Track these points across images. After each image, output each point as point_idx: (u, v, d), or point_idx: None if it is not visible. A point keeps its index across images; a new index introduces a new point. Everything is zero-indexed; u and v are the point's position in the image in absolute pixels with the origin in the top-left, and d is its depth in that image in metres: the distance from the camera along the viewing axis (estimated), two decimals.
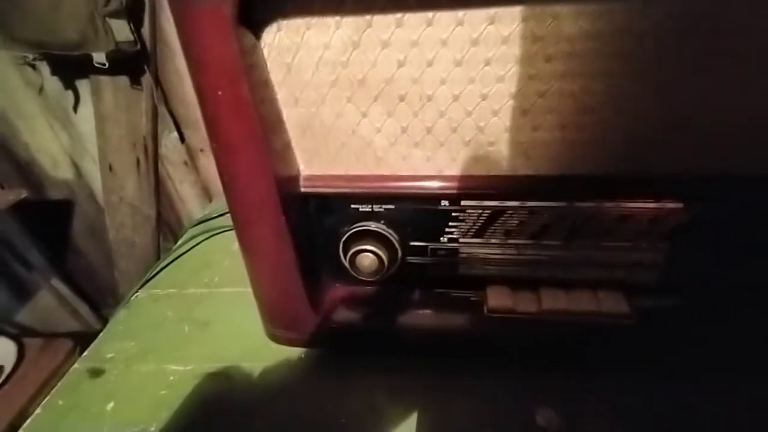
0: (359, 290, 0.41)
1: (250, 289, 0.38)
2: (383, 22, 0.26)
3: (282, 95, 0.30)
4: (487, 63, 0.27)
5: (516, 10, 0.25)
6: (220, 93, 0.27)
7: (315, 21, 0.26)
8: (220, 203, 0.68)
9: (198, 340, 0.45)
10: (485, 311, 0.37)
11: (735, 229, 0.32)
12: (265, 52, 0.28)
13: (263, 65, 0.28)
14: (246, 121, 0.27)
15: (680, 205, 0.32)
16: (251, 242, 0.34)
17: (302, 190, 0.35)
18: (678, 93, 0.27)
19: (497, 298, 0.37)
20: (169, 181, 1.00)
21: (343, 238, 0.36)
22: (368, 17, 0.26)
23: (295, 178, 0.34)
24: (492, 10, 0.25)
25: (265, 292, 0.37)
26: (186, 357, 0.43)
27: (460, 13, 0.26)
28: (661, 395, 0.34)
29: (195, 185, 0.99)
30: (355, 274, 0.37)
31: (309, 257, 0.36)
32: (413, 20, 0.26)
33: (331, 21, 0.26)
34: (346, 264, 0.37)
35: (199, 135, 0.91)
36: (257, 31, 0.27)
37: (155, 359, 0.43)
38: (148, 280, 0.56)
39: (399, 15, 0.26)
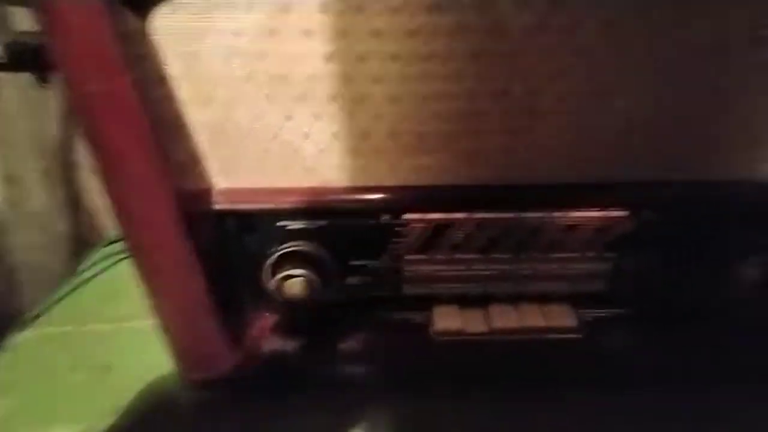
0: (290, 318, 0.36)
1: None
2: (304, 7, 0.22)
3: (185, 93, 0.25)
4: (428, 59, 0.24)
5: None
6: (93, 89, 0.21)
7: (219, 1, 0.22)
8: None
9: (95, 391, 0.37)
10: (432, 334, 0.34)
11: (679, 237, 0.32)
12: (158, 39, 0.23)
13: (154, 56, 0.23)
14: (131, 126, 0.22)
15: (625, 213, 0.31)
16: (151, 273, 0.28)
17: (216, 207, 0.29)
18: (621, 99, 0.26)
19: (445, 320, 0.34)
20: (86, 193, 0.87)
21: (269, 262, 0.31)
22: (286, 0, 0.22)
23: (205, 194, 0.29)
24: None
25: (173, 330, 0.31)
26: (78, 414, 0.35)
27: (394, 1, 0.22)
28: (607, 408, 0.33)
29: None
30: (284, 301, 0.32)
31: (226, 285, 0.31)
32: (340, 5, 0.22)
33: (240, 1, 0.22)
34: (274, 290, 0.31)
35: None
36: (144, 12, 0.22)
37: (38, 420, 0.34)
38: (38, 316, 0.46)
39: None
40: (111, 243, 0.57)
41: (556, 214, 0.31)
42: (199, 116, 0.26)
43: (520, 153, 0.28)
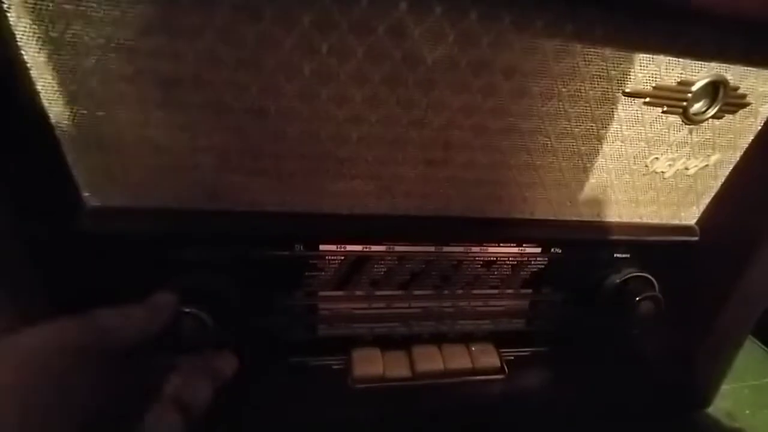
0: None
1: None
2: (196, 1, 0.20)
3: (46, 87, 0.20)
4: (352, 77, 0.23)
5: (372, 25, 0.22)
6: None
7: None
8: None
9: None
10: (350, 382, 0.30)
11: (581, 275, 0.33)
12: (12, 17, 0.18)
13: (8, 37, 0.18)
14: None
15: (538, 249, 0.32)
16: None
17: (84, 229, 0.24)
18: (529, 138, 0.27)
19: (365, 365, 0.31)
20: None
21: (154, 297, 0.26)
22: None
23: (69, 211, 0.23)
24: (354, 16, 0.21)
25: None
26: None
27: (307, 16, 0.21)
28: None
29: None
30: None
31: None
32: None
33: None
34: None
35: None
36: None
37: None
38: None
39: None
40: None
41: (475, 249, 0.31)
42: (64, 115, 0.21)
43: (437, 184, 0.27)
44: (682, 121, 0.28)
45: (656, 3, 0.22)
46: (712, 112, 0.28)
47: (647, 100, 0.27)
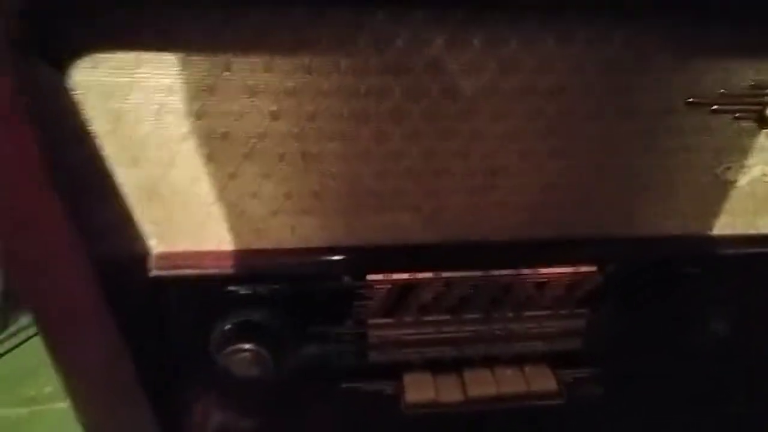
0: (242, 394, 0.31)
1: None
2: (246, 65, 0.21)
3: (112, 151, 0.22)
4: (383, 119, 0.23)
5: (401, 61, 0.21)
6: None
7: (148, 57, 0.20)
8: None
9: None
10: (403, 407, 0.31)
11: (643, 291, 0.31)
12: (78, 93, 0.20)
13: (75, 113, 0.20)
14: (37, 188, 0.19)
15: (593, 268, 0.30)
16: (67, 360, 0.23)
17: (153, 273, 0.26)
18: (579, 158, 0.25)
19: (417, 390, 0.31)
20: None
21: (215, 334, 0.27)
22: (226, 56, 0.20)
23: (139, 260, 0.25)
24: (389, 57, 0.21)
25: (93, 421, 0.26)
26: None
27: (344, 61, 0.21)
28: None
29: None
30: (235, 378, 0.28)
31: (163, 364, 0.27)
32: (286, 65, 0.21)
33: (171, 58, 0.20)
34: (222, 367, 0.27)
35: None
36: (62, 65, 0.19)
37: None
38: None
39: (268, 56, 0.21)
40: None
41: (526, 271, 0.30)
42: (130, 176, 0.23)
43: (483, 210, 0.27)
44: (758, 126, 0.25)
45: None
46: None
47: (714, 107, 0.24)
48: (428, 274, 0.29)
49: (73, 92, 0.20)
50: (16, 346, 0.44)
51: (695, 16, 0.21)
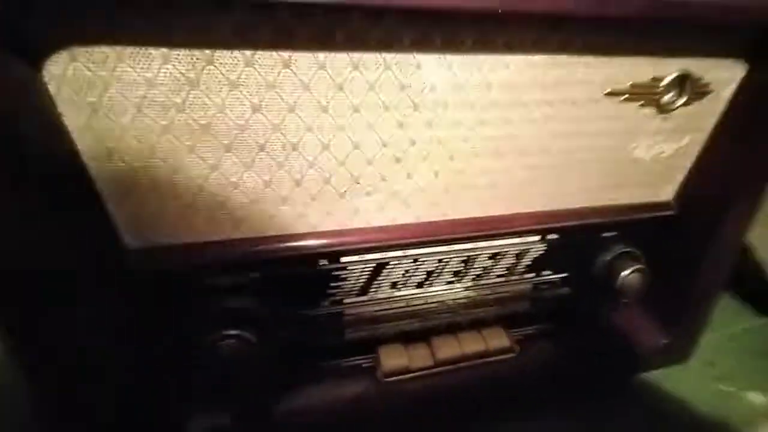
0: (227, 382, 0.32)
1: None
2: (228, 60, 0.21)
3: (85, 146, 0.22)
4: (356, 110, 0.25)
5: (380, 57, 0.24)
6: None
7: (131, 51, 0.20)
8: None
9: None
10: (380, 376, 0.34)
11: (578, 257, 0.37)
12: (52, 87, 0.20)
13: (48, 106, 0.20)
14: (13, 186, 0.18)
15: (537, 237, 0.35)
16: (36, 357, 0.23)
17: (130, 270, 0.26)
18: (528, 141, 0.30)
19: (392, 359, 0.34)
20: None
21: (198, 326, 0.28)
22: (208, 52, 0.21)
23: (115, 258, 0.25)
24: (355, 55, 0.23)
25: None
26: None
27: (320, 56, 0.23)
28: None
29: None
30: (222, 366, 0.29)
31: (144, 358, 0.27)
32: (266, 60, 0.22)
33: (155, 53, 0.20)
34: (207, 355, 0.28)
35: None
36: (36, 59, 0.19)
37: None
38: None
39: (249, 52, 0.22)
40: None
41: (482, 243, 0.34)
42: (105, 170, 0.23)
43: (445, 192, 0.30)
44: (657, 111, 0.31)
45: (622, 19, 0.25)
46: (681, 101, 0.31)
47: (625, 97, 0.30)
48: (398, 253, 0.32)
49: (48, 85, 0.19)
50: None
51: (611, 27, 0.26)
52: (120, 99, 0.21)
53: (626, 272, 0.35)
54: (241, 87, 0.22)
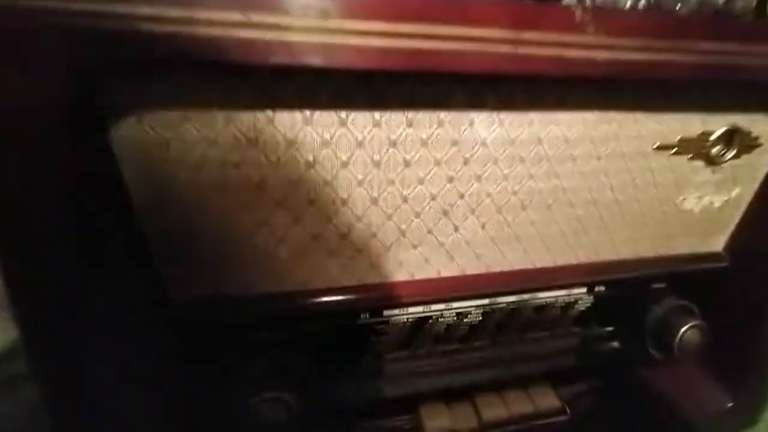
0: None
1: None
2: (287, 120, 0.22)
3: (139, 197, 0.22)
4: (407, 165, 0.25)
5: (434, 115, 0.24)
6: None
7: (195, 114, 0.20)
8: None
9: None
10: None
11: (625, 308, 0.35)
12: (115, 145, 0.20)
13: (108, 160, 0.20)
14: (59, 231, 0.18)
15: (583, 290, 0.34)
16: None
17: (173, 319, 0.25)
18: (575, 195, 0.29)
19: (434, 419, 0.32)
20: None
21: (239, 383, 0.27)
22: (269, 113, 0.21)
23: (157, 306, 0.24)
24: (410, 114, 0.23)
25: None
26: None
27: (377, 115, 0.23)
28: None
29: None
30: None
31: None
32: (324, 119, 0.22)
33: (219, 115, 0.21)
34: (249, 418, 0.27)
35: None
36: (104, 118, 0.19)
37: None
38: None
39: (308, 113, 0.22)
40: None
41: (526, 296, 0.32)
42: (156, 224, 0.23)
43: (492, 243, 0.29)
44: (706, 164, 0.31)
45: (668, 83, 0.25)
46: (730, 155, 0.30)
47: (674, 151, 0.29)
48: (440, 306, 0.31)
49: (110, 142, 0.20)
50: None
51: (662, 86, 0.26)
52: (181, 157, 0.21)
53: (684, 328, 0.33)
54: (298, 145, 0.23)
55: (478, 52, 0.20)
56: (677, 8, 0.26)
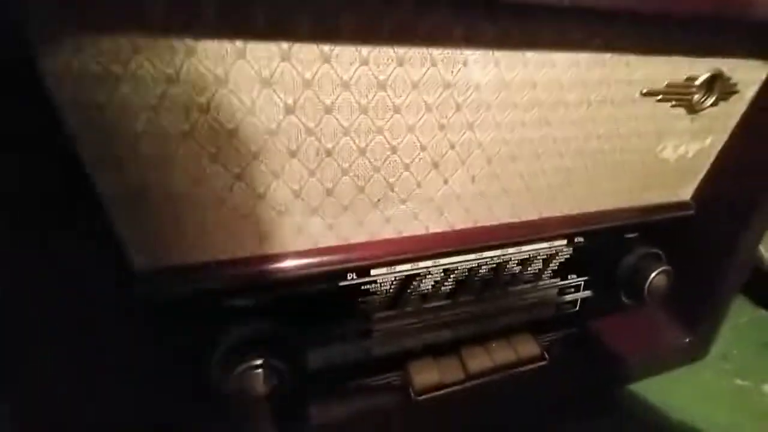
0: (253, 406, 0.29)
1: None
2: (262, 52, 0.19)
3: (89, 153, 0.18)
4: (397, 110, 0.23)
5: (426, 53, 0.21)
6: None
7: (151, 42, 0.17)
8: None
9: None
10: (413, 394, 0.31)
11: (605, 257, 0.36)
12: (51, 82, 0.16)
13: (43, 102, 0.16)
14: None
15: (564, 242, 0.34)
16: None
17: (138, 294, 0.22)
18: (565, 145, 0.28)
19: (423, 375, 0.32)
20: None
21: (218, 357, 0.25)
22: (240, 44, 0.18)
23: (121, 280, 0.21)
24: (400, 50, 0.21)
25: None
26: None
27: (364, 50, 0.20)
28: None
29: None
30: (243, 401, 0.26)
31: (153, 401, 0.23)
32: (304, 52, 0.19)
33: (178, 44, 0.17)
34: (228, 391, 0.25)
35: None
36: (33, 47, 0.15)
37: None
38: None
39: (284, 45, 0.19)
40: None
41: (512, 250, 0.32)
42: (108, 180, 0.19)
43: (481, 197, 0.28)
44: (687, 112, 0.31)
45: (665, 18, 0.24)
46: (710, 101, 0.31)
47: (659, 97, 0.29)
48: (428, 263, 0.30)
49: (46, 81, 0.16)
50: None
51: (656, 25, 0.25)
52: (132, 98, 0.18)
53: (653, 274, 0.35)
54: (276, 85, 0.20)
55: None
56: None
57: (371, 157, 0.24)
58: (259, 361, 0.24)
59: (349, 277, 0.28)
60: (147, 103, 0.18)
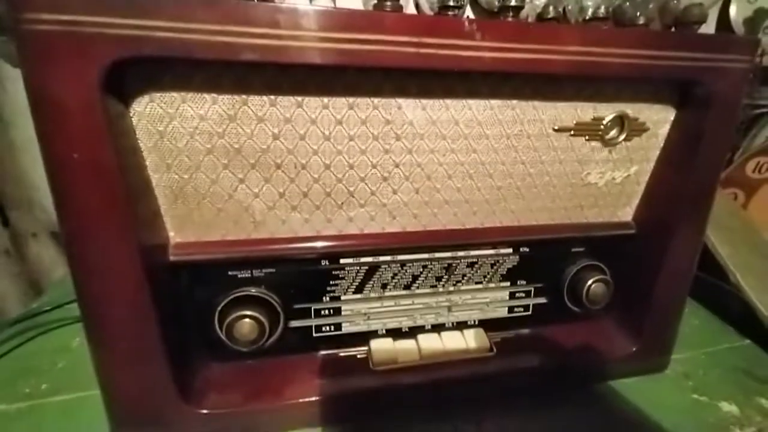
0: (238, 366, 0.38)
1: (92, 392, 0.32)
2: (258, 102, 0.30)
3: (151, 162, 0.30)
4: (351, 138, 0.33)
5: (369, 101, 0.32)
6: (76, 156, 0.25)
7: (191, 96, 0.28)
8: (53, 295, 0.57)
9: None
10: (372, 366, 0.39)
11: (548, 267, 0.42)
12: (134, 120, 0.28)
13: (131, 132, 0.28)
14: (108, 188, 0.26)
15: (510, 250, 0.41)
16: (106, 324, 0.29)
17: (172, 258, 0.33)
18: (496, 168, 0.36)
19: (382, 353, 0.39)
20: None
21: (220, 307, 0.34)
22: (244, 96, 0.29)
23: (162, 247, 0.32)
24: (351, 99, 0.31)
25: (121, 384, 0.31)
26: None
27: (325, 99, 0.31)
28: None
29: (18, 278, 0.80)
30: (233, 345, 0.35)
31: (177, 336, 0.33)
32: (285, 102, 0.30)
33: (207, 97, 0.29)
34: (223, 335, 0.34)
35: (31, 217, 0.76)
36: (127, 100, 0.27)
37: None
38: None
39: (272, 97, 0.30)
40: (16, 322, 0.53)
41: (461, 253, 0.40)
42: (162, 180, 0.31)
43: (425, 206, 0.37)
44: (602, 145, 0.38)
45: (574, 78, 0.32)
46: (622, 137, 0.38)
47: (572, 132, 0.37)
48: (387, 258, 0.38)
49: (131, 117, 0.28)
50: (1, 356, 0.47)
51: (551, 79, 0.34)
52: (179, 128, 0.29)
53: (589, 282, 0.40)
54: (266, 121, 0.30)
55: (391, 51, 0.27)
56: (638, 15, 0.33)
57: (335, 170, 0.34)
58: (247, 312, 0.33)
59: (322, 263, 0.37)
60: (187, 131, 0.29)
